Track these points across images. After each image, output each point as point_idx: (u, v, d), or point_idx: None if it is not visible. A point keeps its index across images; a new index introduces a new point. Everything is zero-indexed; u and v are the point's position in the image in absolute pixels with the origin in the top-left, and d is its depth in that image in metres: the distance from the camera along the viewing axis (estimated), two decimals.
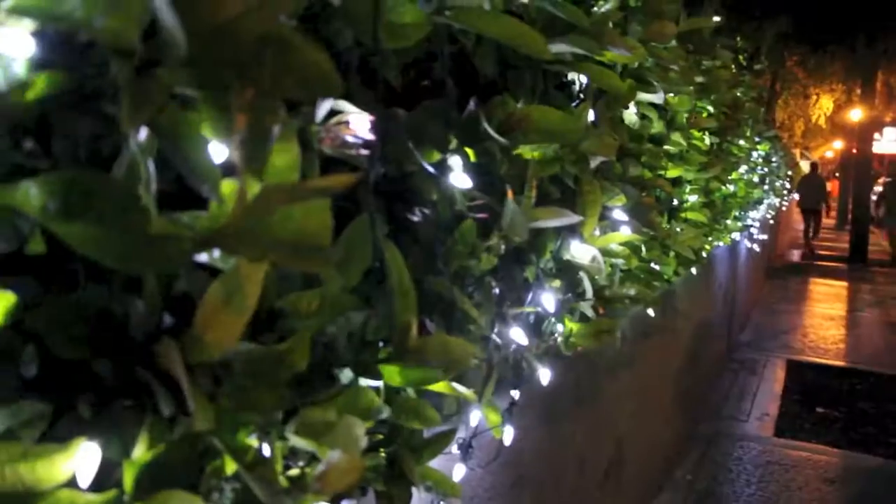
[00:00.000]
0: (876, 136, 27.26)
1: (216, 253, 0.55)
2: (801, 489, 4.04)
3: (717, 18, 2.71)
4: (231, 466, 0.65)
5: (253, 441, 0.66)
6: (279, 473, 0.66)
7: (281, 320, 0.63)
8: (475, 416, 1.35)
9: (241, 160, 0.52)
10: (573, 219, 1.10)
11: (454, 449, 1.34)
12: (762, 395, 5.70)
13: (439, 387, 0.92)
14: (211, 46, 0.50)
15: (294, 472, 0.68)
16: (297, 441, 0.72)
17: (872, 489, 4.09)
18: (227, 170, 0.55)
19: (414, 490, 1.22)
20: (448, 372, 0.81)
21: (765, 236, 9.22)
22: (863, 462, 4.45)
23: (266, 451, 0.68)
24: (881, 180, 25.29)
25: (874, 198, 15.55)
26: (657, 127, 2.02)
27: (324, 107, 0.73)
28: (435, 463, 1.32)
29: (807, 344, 7.19)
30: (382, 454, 1.05)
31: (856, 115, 21.48)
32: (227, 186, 0.57)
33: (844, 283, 11.17)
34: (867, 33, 15.11)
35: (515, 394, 1.51)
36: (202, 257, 0.56)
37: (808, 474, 4.25)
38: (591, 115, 1.32)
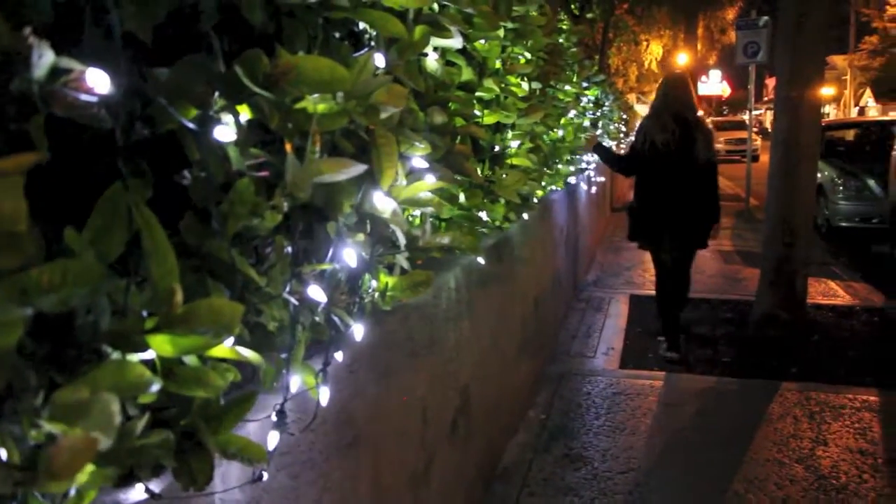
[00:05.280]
0: (703, 78, 28.93)
1: None
2: (646, 415, 4.28)
3: None
4: None
5: None
6: (14, 463, 0.61)
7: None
8: (295, 381, 1.32)
9: None
10: (360, 168, 1.08)
11: (273, 416, 1.31)
12: (608, 330, 5.97)
13: (222, 352, 0.89)
14: None
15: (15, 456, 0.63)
16: (48, 426, 0.67)
17: (708, 406, 4.39)
18: None
19: (235, 463, 1.19)
20: (219, 336, 0.78)
21: (603, 178, 9.61)
22: (699, 383, 4.77)
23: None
24: (709, 120, 26.82)
25: None
26: (466, 74, 2.03)
27: (42, 65, 0.67)
28: (254, 431, 1.29)
29: (647, 278, 7.56)
30: (181, 425, 1.01)
31: (682, 59, 22.67)
32: None
33: None
34: None
35: (338, 354, 1.49)
36: None
37: (651, 400, 4.50)
38: (381, 63, 1.30)
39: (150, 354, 0.81)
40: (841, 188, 10.37)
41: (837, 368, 5.01)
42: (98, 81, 0.72)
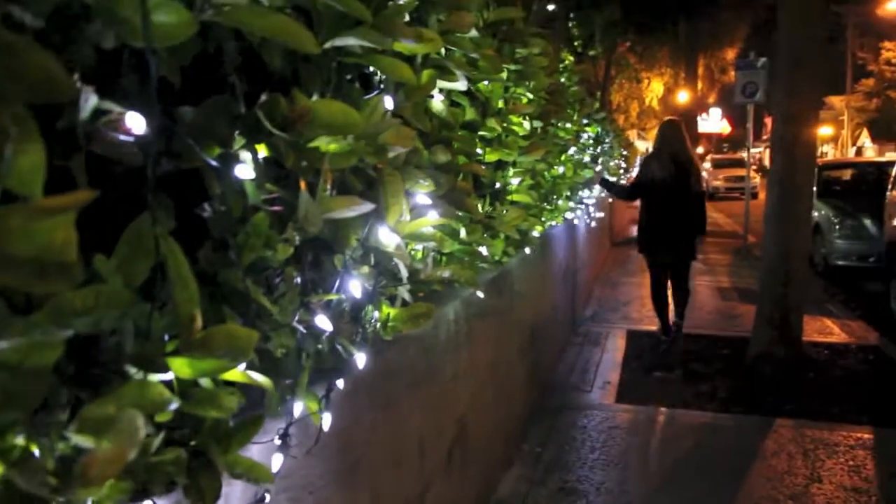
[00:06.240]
0: (704, 116, 29.23)
1: None
2: (641, 449, 4.31)
3: (550, 7, 2.84)
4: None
5: (21, 441, 0.66)
6: (49, 470, 0.66)
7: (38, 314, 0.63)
8: (298, 405, 1.37)
9: None
10: (368, 207, 1.15)
11: (276, 439, 1.36)
12: (604, 364, 6.01)
13: (234, 376, 0.94)
14: None
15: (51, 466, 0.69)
16: (76, 438, 0.73)
17: (703, 441, 4.42)
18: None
19: (240, 483, 1.24)
20: (235, 361, 0.84)
21: (602, 214, 9.68)
22: (695, 418, 4.80)
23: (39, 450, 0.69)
24: (709, 157, 27.15)
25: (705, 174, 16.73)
26: (470, 114, 2.10)
27: (87, 108, 0.74)
28: (257, 453, 1.34)
29: (644, 314, 7.62)
30: (192, 444, 1.06)
31: (682, 97, 23.02)
32: None
33: None
34: (687, 19, 16.20)
35: (340, 381, 1.54)
36: None
37: (647, 434, 4.53)
38: (390, 105, 1.37)
39: (168, 375, 0.87)
40: (838, 227, 10.45)
41: (832, 406, 5.03)
42: (136, 123, 0.78)
